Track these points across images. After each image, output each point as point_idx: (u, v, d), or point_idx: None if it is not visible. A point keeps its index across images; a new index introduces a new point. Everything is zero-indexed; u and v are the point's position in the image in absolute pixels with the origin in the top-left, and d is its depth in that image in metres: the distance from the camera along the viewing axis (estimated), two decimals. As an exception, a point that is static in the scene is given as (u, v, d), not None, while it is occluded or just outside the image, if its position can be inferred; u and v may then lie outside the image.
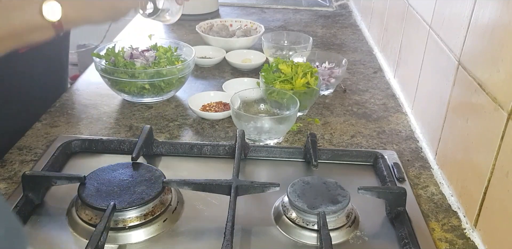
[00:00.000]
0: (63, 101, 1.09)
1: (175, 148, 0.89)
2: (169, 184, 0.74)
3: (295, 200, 0.72)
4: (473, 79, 0.76)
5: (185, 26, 1.63)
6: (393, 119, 1.07)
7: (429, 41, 0.98)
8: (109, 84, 1.07)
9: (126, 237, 0.70)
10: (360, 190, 0.74)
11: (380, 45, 1.43)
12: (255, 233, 0.72)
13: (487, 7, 0.73)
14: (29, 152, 0.90)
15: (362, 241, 0.72)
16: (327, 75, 1.15)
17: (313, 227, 0.71)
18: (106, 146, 0.90)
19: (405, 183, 0.83)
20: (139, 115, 1.05)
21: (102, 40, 2.69)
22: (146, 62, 1.06)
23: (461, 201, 0.79)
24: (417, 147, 0.97)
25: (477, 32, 0.76)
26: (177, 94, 1.14)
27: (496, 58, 0.69)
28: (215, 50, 1.37)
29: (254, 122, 0.92)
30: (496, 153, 0.68)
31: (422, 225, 0.75)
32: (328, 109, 1.11)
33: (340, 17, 1.82)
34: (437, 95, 0.91)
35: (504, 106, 0.66)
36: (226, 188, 0.73)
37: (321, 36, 1.59)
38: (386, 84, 1.25)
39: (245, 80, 1.18)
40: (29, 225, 0.72)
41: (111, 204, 0.69)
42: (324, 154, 0.89)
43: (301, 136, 0.99)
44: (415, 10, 1.10)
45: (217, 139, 0.97)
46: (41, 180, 0.75)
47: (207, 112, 1.04)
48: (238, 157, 0.81)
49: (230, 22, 1.53)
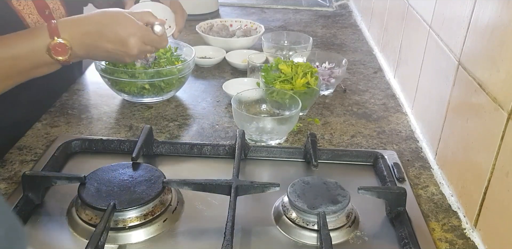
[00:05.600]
0: (63, 101, 1.09)
1: (175, 148, 0.89)
2: (169, 184, 0.74)
3: (295, 200, 0.72)
4: (473, 79, 0.76)
5: (185, 26, 1.63)
6: (393, 119, 1.07)
7: (429, 41, 0.98)
8: (109, 84, 1.07)
9: (126, 237, 0.70)
10: (360, 190, 0.74)
11: (380, 45, 1.43)
12: (255, 233, 0.72)
13: (487, 7, 0.73)
14: (29, 152, 0.90)
15: (362, 241, 0.72)
16: (327, 75, 1.15)
17: (313, 227, 0.71)
18: (106, 146, 0.90)
19: (405, 183, 0.83)
20: (139, 115, 1.05)
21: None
22: (146, 62, 1.06)
23: (461, 201, 0.79)
24: (417, 147, 0.97)
25: (477, 32, 0.76)
26: (177, 94, 1.14)
27: (496, 58, 0.69)
28: (215, 50, 1.37)
29: (256, 123, 0.92)
30: (496, 153, 0.68)
31: (422, 225, 0.75)
32: (328, 109, 1.11)
33: (340, 17, 1.82)
34: (437, 95, 0.91)
35: (504, 106, 0.66)
36: (226, 188, 0.73)
37: (321, 36, 1.59)
38: (386, 84, 1.25)
39: (245, 80, 1.18)
40: (29, 225, 0.72)
41: (111, 204, 0.69)
42: (324, 154, 0.89)
43: (301, 136, 0.99)
44: (415, 10, 1.10)
45: (217, 139, 0.97)
46: (41, 180, 0.75)
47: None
48: (238, 157, 0.81)
49: (230, 22, 1.53)
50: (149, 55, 0.99)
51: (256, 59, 1.22)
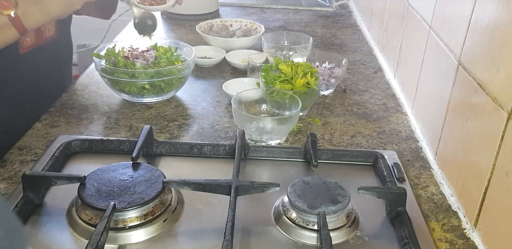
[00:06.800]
0: (63, 101, 1.09)
1: (175, 148, 0.89)
2: (169, 184, 0.74)
3: (295, 200, 0.72)
4: (473, 79, 0.76)
5: (185, 26, 1.64)
6: (393, 119, 1.07)
7: (429, 41, 0.98)
8: (109, 84, 1.07)
9: (126, 237, 0.70)
10: (360, 190, 0.74)
11: (380, 45, 1.43)
12: (255, 233, 0.72)
13: (487, 7, 0.73)
14: (29, 152, 0.90)
15: (362, 241, 0.72)
16: (327, 75, 1.15)
17: (313, 227, 0.71)
18: (106, 146, 0.90)
19: (405, 183, 0.83)
20: (139, 115, 1.05)
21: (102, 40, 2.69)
22: (146, 62, 1.06)
23: (461, 201, 0.79)
24: (417, 147, 0.97)
25: (477, 32, 0.76)
26: (177, 94, 1.14)
27: (496, 58, 0.69)
28: (215, 50, 1.37)
29: (256, 123, 0.92)
30: (496, 153, 0.68)
31: (422, 225, 0.75)
32: (328, 109, 1.11)
33: (340, 17, 1.82)
34: (437, 95, 0.91)
35: (504, 106, 0.66)
36: (226, 188, 0.73)
37: (321, 36, 1.59)
38: (386, 84, 1.25)
39: (245, 80, 1.18)
40: (29, 225, 0.72)
41: (111, 204, 0.69)
42: (324, 154, 0.89)
43: (301, 136, 0.99)
44: (415, 10, 1.10)
45: (217, 139, 0.97)
46: (41, 180, 0.75)
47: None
48: (238, 157, 0.81)
49: (230, 22, 1.53)
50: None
51: (256, 59, 1.22)
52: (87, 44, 2.90)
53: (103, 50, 1.10)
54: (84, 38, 2.80)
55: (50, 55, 1.12)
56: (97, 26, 2.33)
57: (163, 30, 1.62)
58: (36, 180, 0.75)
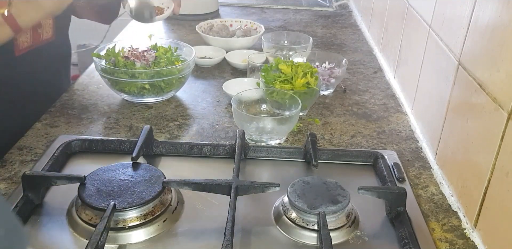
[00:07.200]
0: (63, 101, 1.09)
1: (175, 148, 0.89)
2: (169, 184, 0.74)
3: (295, 200, 0.72)
4: (473, 79, 0.76)
5: (185, 26, 1.63)
6: (393, 119, 1.07)
7: (429, 41, 0.98)
8: (109, 84, 1.07)
9: (126, 237, 0.70)
10: (360, 190, 0.74)
11: (380, 45, 1.43)
12: (255, 233, 0.72)
13: (487, 7, 0.73)
14: (29, 152, 0.90)
15: (362, 241, 0.72)
16: (327, 75, 1.15)
17: (313, 227, 0.71)
18: (106, 146, 0.90)
19: (405, 183, 0.83)
20: (139, 115, 1.05)
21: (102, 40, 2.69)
22: (146, 62, 1.06)
23: (461, 201, 0.79)
24: (417, 147, 0.97)
25: (477, 32, 0.76)
26: (177, 94, 1.14)
27: (496, 58, 0.69)
28: (215, 50, 1.37)
29: (256, 123, 0.92)
30: (496, 153, 0.68)
31: (422, 225, 0.75)
32: (328, 109, 1.11)
33: (340, 17, 1.82)
34: (437, 95, 0.91)
35: (504, 106, 0.66)
36: (226, 188, 0.73)
37: (321, 36, 1.59)
38: (386, 84, 1.25)
39: (245, 80, 1.18)
40: (29, 225, 0.72)
41: (111, 204, 0.69)
42: (324, 154, 0.89)
43: (301, 136, 0.99)
44: (415, 10, 1.10)
45: (217, 139, 0.97)
46: (41, 180, 0.75)
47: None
48: (238, 157, 0.81)
49: (230, 22, 1.53)
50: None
51: (256, 59, 1.22)
52: (87, 44, 2.90)
53: (103, 50, 1.10)
54: (84, 38, 2.81)
55: (46, 57, 1.12)
56: (97, 26, 2.32)
57: (163, 30, 1.62)
58: (36, 180, 0.75)
